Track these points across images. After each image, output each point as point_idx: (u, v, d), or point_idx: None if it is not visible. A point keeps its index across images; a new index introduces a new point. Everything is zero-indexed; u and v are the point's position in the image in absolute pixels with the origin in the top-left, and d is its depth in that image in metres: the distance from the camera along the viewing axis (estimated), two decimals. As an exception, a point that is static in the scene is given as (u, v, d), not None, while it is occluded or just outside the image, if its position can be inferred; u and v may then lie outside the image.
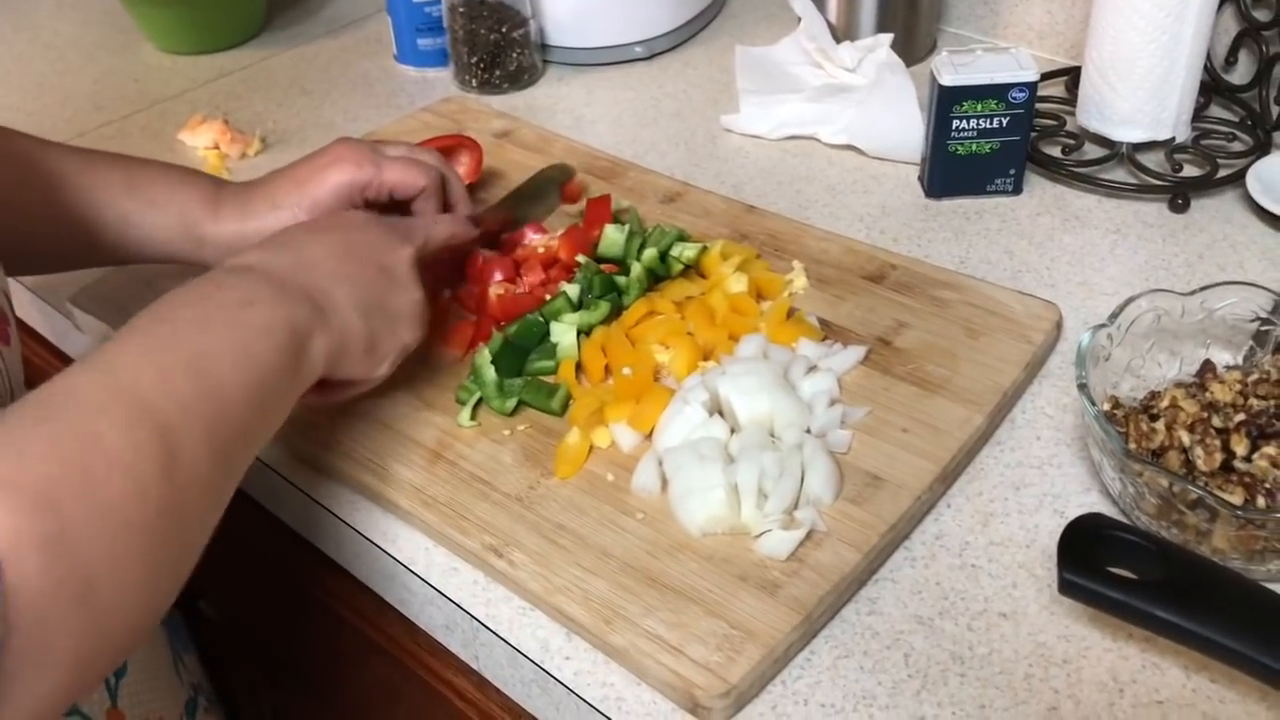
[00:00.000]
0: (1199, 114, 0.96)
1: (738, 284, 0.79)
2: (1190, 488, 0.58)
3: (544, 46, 1.15)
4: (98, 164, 0.76)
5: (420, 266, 0.71)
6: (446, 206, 0.82)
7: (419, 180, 0.79)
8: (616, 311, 0.78)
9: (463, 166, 0.91)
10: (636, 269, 0.79)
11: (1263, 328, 0.69)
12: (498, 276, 0.80)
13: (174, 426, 0.50)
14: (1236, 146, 0.94)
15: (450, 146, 0.91)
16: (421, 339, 0.70)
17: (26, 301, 0.91)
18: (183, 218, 0.76)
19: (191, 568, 0.52)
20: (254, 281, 0.60)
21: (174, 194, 0.76)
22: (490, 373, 0.72)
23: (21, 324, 0.96)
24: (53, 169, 0.73)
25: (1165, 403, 0.65)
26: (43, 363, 0.97)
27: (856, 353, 0.74)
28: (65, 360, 0.94)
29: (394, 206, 0.84)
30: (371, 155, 0.78)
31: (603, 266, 0.80)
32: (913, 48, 1.10)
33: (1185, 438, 0.63)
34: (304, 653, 0.94)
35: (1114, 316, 0.68)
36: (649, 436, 0.70)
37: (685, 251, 0.81)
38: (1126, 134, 0.92)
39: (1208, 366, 0.69)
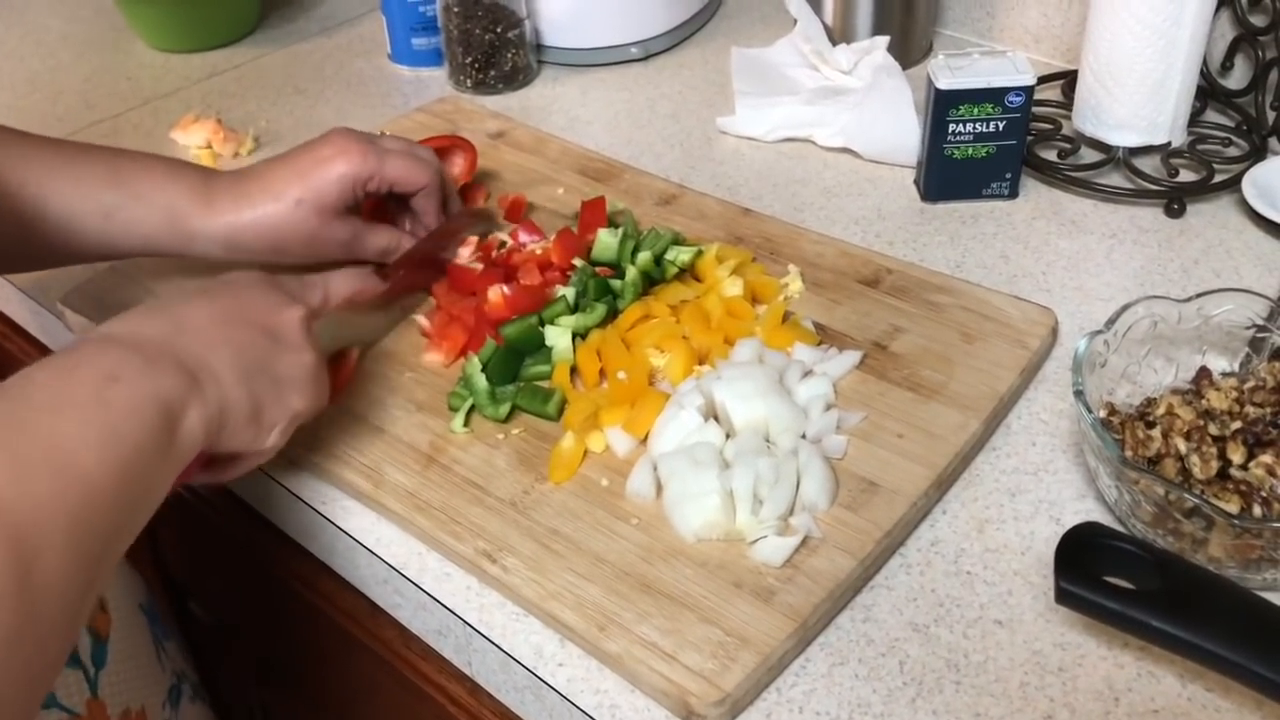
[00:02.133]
0: (1195, 119, 0.96)
1: (733, 288, 0.78)
2: (1187, 496, 0.58)
3: (539, 47, 1.14)
4: (79, 157, 0.74)
5: (338, 315, 0.67)
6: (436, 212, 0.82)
7: (421, 177, 0.79)
8: (612, 315, 0.78)
9: (456, 168, 0.91)
10: (631, 273, 0.78)
11: (1259, 334, 0.69)
12: (495, 291, 0.78)
13: (30, 531, 0.44)
14: (1232, 151, 0.94)
15: (444, 147, 0.91)
16: (318, 406, 0.65)
17: (16, 300, 0.90)
18: (170, 211, 0.74)
19: (52, 683, 0.47)
20: (118, 354, 0.53)
21: (160, 186, 0.74)
22: (481, 381, 0.72)
23: (12, 323, 0.96)
24: (31, 162, 0.72)
25: (1162, 410, 0.65)
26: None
27: (852, 357, 0.73)
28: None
29: (390, 206, 0.84)
30: (374, 148, 0.78)
31: (597, 270, 0.80)
32: (909, 50, 1.09)
33: (1182, 445, 0.63)
34: (295, 656, 0.93)
35: (1110, 323, 0.68)
36: (644, 441, 0.69)
37: (680, 255, 0.80)
38: (1122, 138, 0.92)
39: (1204, 373, 0.69)
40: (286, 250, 0.77)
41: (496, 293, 0.77)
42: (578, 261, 0.80)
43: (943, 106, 0.87)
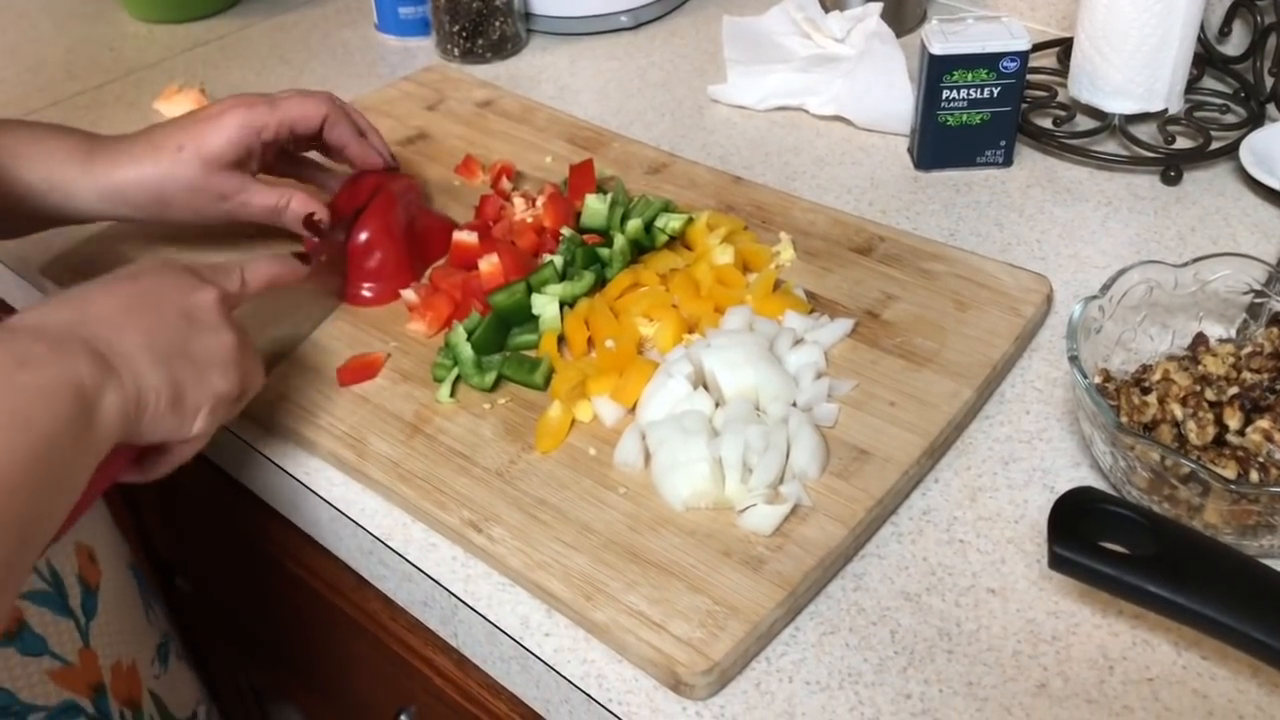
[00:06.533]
0: (1192, 85, 0.94)
1: (724, 256, 0.77)
2: (1183, 461, 0.57)
3: (528, 15, 1.13)
4: None
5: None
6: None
7: (318, 110, 0.79)
8: (600, 283, 0.76)
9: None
10: (620, 241, 0.77)
11: (1256, 300, 0.68)
12: (486, 262, 0.77)
13: None
14: (1230, 118, 0.93)
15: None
16: (246, 386, 0.62)
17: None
18: (50, 174, 0.73)
19: None
20: (25, 341, 0.51)
21: (42, 153, 0.73)
22: (467, 350, 0.71)
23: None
24: None
25: (1157, 376, 0.64)
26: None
27: (844, 325, 0.72)
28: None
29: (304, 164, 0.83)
30: (262, 97, 0.78)
31: (586, 237, 0.78)
32: (903, 17, 1.08)
33: (1178, 411, 0.62)
34: (282, 629, 0.93)
35: (1106, 288, 0.67)
36: (632, 410, 0.68)
37: (670, 222, 0.79)
38: (1119, 105, 0.91)
39: (1200, 339, 0.68)
40: (169, 202, 0.76)
41: (488, 264, 0.76)
42: (565, 230, 0.78)
43: (936, 72, 0.86)
